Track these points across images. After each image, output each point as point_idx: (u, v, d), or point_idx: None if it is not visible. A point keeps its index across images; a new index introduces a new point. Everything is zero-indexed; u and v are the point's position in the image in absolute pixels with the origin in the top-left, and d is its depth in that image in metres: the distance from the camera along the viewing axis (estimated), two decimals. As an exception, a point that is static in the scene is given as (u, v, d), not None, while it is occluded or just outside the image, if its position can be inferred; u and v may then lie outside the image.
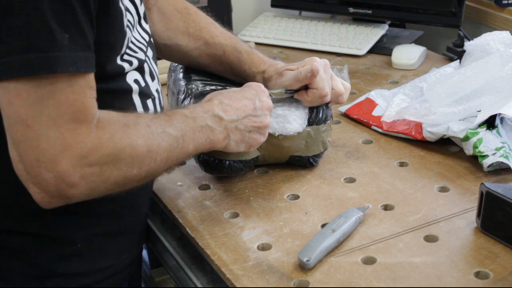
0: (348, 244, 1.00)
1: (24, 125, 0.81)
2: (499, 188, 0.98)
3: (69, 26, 0.81)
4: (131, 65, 0.98)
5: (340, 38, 1.79)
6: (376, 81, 1.59)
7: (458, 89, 1.24)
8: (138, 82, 1.00)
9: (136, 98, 1.00)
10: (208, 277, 1.03)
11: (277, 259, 0.98)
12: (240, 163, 1.13)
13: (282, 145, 1.16)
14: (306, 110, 1.17)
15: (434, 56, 1.73)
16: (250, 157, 1.14)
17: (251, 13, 2.00)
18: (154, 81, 1.05)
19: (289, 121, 1.15)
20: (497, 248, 0.98)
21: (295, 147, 1.17)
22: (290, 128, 1.14)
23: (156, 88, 1.06)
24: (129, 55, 0.97)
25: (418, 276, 0.93)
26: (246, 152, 1.12)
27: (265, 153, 1.16)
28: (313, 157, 1.19)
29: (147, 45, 1.04)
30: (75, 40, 0.82)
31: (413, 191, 1.13)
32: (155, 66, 1.07)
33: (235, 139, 1.03)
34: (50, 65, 0.80)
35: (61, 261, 0.98)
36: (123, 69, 0.96)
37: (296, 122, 1.15)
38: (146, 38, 1.04)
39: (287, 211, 1.09)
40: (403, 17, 1.83)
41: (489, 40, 1.36)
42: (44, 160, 0.81)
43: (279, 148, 1.16)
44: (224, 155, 1.11)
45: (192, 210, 1.11)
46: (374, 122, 1.35)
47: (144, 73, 1.02)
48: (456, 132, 1.19)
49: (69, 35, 0.81)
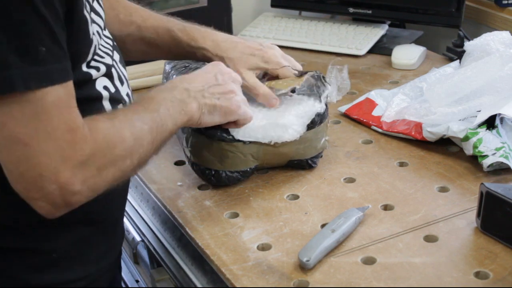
0: (348, 244, 1.00)
1: (22, 144, 0.81)
2: (499, 188, 0.98)
3: (44, 39, 0.80)
4: (98, 71, 0.96)
5: (340, 38, 1.79)
6: (376, 81, 1.59)
7: (458, 89, 1.24)
8: (108, 88, 0.98)
9: (107, 104, 0.98)
10: (208, 277, 1.03)
11: (277, 259, 0.98)
12: (238, 173, 1.14)
13: (280, 152, 1.15)
14: (309, 117, 1.15)
15: (434, 56, 1.73)
16: (247, 167, 1.14)
17: (251, 13, 2.00)
18: (124, 86, 1.04)
19: (287, 130, 1.14)
20: (497, 248, 0.98)
21: (292, 152, 1.17)
22: (286, 137, 1.14)
23: (126, 93, 1.04)
24: (96, 61, 0.96)
25: (418, 276, 0.93)
26: (243, 163, 1.13)
27: (263, 162, 1.16)
28: (311, 159, 1.19)
29: (113, 49, 1.03)
30: (51, 52, 0.81)
31: (413, 191, 1.13)
32: (123, 70, 1.05)
33: (207, 108, 1.03)
34: (37, 80, 0.80)
35: (37, 272, 0.96)
36: (90, 76, 0.95)
37: (294, 130, 1.14)
38: (110, 43, 1.03)
39: (287, 211, 1.09)
40: (403, 17, 1.83)
41: (489, 40, 1.36)
42: (46, 174, 0.81)
43: (276, 155, 1.16)
44: (221, 166, 1.12)
45: (192, 210, 1.11)
46: (374, 122, 1.35)
47: (113, 78, 1.00)
48: (456, 132, 1.19)
49: (45, 48, 0.80)
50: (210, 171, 1.13)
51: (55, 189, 0.82)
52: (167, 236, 1.15)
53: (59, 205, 0.84)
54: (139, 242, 1.25)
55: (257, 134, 1.12)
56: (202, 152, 1.13)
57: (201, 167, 1.14)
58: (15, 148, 0.81)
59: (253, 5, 2.03)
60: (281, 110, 1.16)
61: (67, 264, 0.99)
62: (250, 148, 1.12)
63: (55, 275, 0.98)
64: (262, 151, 1.13)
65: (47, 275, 0.97)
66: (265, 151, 1.14)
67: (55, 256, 0.97)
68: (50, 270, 0.97)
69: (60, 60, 0.83)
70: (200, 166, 1.15)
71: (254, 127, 1.12)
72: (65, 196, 0.83)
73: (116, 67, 1.02)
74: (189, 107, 1.01)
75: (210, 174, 1.14)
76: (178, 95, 1.00)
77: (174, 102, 0.99)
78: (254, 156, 1.14)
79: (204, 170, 1.14)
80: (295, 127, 1.14)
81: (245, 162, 1.13)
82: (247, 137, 1.11)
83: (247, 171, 1.15)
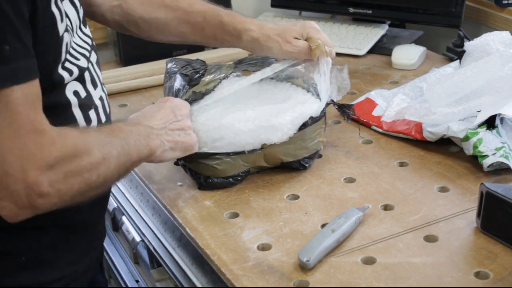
0: (348, 244, 1.00)
1: None
2: (499, 188, 0.98)
3: (8, 37, 0.80)
4: (71, 74, 0.95)
5: (340, 38, 1.79)
6: (376, 81, 1.59)
7: (458, 89, 1.24)
8: (78, 93, 0.98)
9: (77, 111, 0.98)
10: (208, 277, 1.03)
11: (277, 259, 0.98)
12: (230, 178, 1.14)
13: (269, 153, 1.15)
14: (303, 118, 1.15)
15: (434, 56, 1.73)
16: (238, 171, 1.14)
17: (251, 13, 2.00)
18: (97, 89, 1.03)
19: (277, 132, 1.13)
20: (497, 248, 0.98)
21: (281, 153, 1.16)
22: (275, 139, 1.13)
23: (99, 96, 1.03)
24: (70, 63, 0.95)
25: (418, 276, 0.93)
26: (234, 168, 1.13)
27: (254, 165, 1.16)
28: (303, 159, 1.19)
29: (91, 49, 1.02)
30: (16, 50, 0.81)
31: (413, 191, 1.13)
32: (99, 72, 1.05)
33: (169, 145, 1.05)
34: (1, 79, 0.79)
35: (5, 275, 0.96)
36: (63, 80, 0.94)
37: (283, 133, 1.14)
38: (89, 42, 1.03)
39: (287, 211, 1.09)
40: (403, 17, 1.83)
41: (489, 40, 1.36)
42: (12, 172, 0.81)
43: (266, 157, 1.16)
44: (213, 173, 1.12)
45: (192, 210, 1.11)
46: (374, 122, 1.35)
47: (85, 82, 1.00)
48: (456, 132, 1.19)
49: (9, 46, 0.80)
50: (203, 177, 1.14)
51: (21, 189, 0.81)
52: (167, 236, 1.15)
53: (24, 206, 0.83)
54: (139, 242, 1.25)
55: (244, 139, 1.12)
56: (194, 159, 1.13)
57: (193, 172, 1.15)
58: None
59: (253, 5, 2.02)
60: (277, 109, 1.16)
61: (39, 267, 0.98)
62: (238, 154, 1.13)
63: (27, 278, 0.97)
64: (251, 156, 1.14)
65: (18, 278, 0.96)
66: (254, 155, 1.14)
67: (25, 259, 0.96)
68: (21, 273, 0.96)
69: (25, 58, 0.82)
70: (193, 171, 1.15)
71: (243, 130, 1.12)
72: (31, 196, 0.82)
73: (91, 69, 1.01)
74: (153, 143, 1.01)
75: (203, 180, 1.14)
76: (143, 130, 1.01)
77: (140, 136, 1.00)
78: (244, 160, 1.14)
79: (196, 176, 1.15)
80: (285, 129, 1.14)
81: (236, 167, 1.14)
82: (231, 147, 1.12)
83: (240, 175, 1.15)
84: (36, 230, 0.96)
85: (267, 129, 1.13)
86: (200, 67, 1.26)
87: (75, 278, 1.03)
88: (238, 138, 1.12)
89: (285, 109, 1.16)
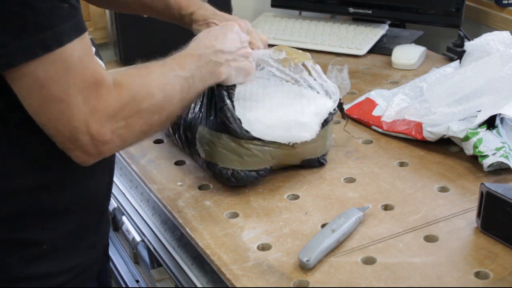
0: (348, 244, 1.00)
1: (58, 101, 0.84)
2: (499, 188, 0.98)
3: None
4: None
5: (340, 38, 1.79)
6: (376, 81, 1.59)
7: (458, 89, 1.24)
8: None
9: None
10: (208, 277, 1.03)
11: (277, 259, 0.98)
12: (255, 173, 1.13)
13: (296, 152, 1.16)
14: (323, 115, 1.17)
15: (434, 56, 1.73)
16: (265, 166, 1.14)
17: (251, 13, 2.00)
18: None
19: (307, 129, 1.15)
20: (497, 248, 0.98)
21: (306, 152, 1.17)
22: (305, 136, 1.14)
23: None
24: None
25: (418, 276, 0.93)
26: (262, 162, 1.13)
27: (278, 162, 1.16)
28: (322, 157, 1.20)
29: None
30: (72, 6, 0.84)
31: (413, 191, 1.13)
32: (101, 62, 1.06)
33: (235, 69, 1.10)
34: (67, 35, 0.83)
35: (28, 264, 0.97)
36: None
37: (312, 129, 1.15)
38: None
39: (287, 211, 1.09)
40: (403, 17, 1.83)
41: (489, 40, 1.36)
42: (78, 126, 0.86)
43: (291, 155, 1.16)
44: (240, 165, 1.12)
45: (192, 210, 1.11)
46: (374, 122, 1.35)
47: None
48: (456, 132, 1.19)
49: (68, 3, 0.83)
50: (227, 170, 1.13)
51: (88, 140, 0.87)
52: (167, 236, 1.15)
53: (92, 154, 0.89)
54: (139, 242, 1.25)
55: (277, 132, 1.12)
56: (220, 151, 1.12)
57: (218, 167, 1.13)
58: (53, 106, 0.85)
59: (253, 5, 2.03)
60: (300, 107, 1.16)
61: (57, 255, 1.00)
62: (269, 147, 1.13)
63: (45, 266, 0.99)
64: (280, 151, 1.14)
65: (37, 266, 0.98)
66: (283, 151, 1.14)
67: (46, 247, 0.98)
68: (40, 261, 0.98)
69: (78, 13, 0.86)
70: (216, 165, 1.14)
71: (275, 124, 1.12)
72: (97, 145, 0.88)
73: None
74: (220, 70, 1.07)
75: (228, 173, 1.13)
76: (213, 56, 1.06)
77: (209, 64, 1.05)
78: (272, 156, 1.14)
79: (221, 169, 1.13)
80: (314, 126, 1.15)
81: (263, 162, 1.14)
82: (267, 136, 1.12)
83: (264, 171, 1.15)
84: (53, 218, 0.98)
85: (298, 126, 1.14)
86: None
87: (88, 267, 1.05)
88: (276, 124, 1.12)
89: (307, 106, 1.16)
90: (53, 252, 0.99)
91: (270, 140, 1.12)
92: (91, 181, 1.01)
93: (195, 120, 1.17)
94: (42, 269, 0.98)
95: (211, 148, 1.13)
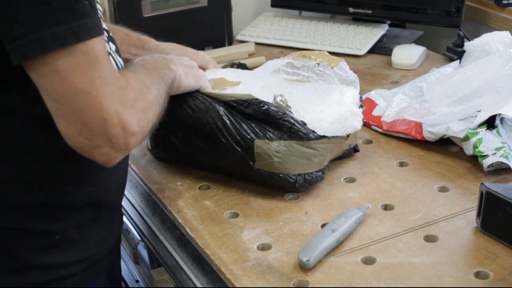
0: (348, 244, 1.00)
1: (83, 94, 0.85)
2: (499, 188, 0.98)
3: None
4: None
5: (340, 38, 1.79)
6: (376, 81, 1.59)
7: (458, 89, 1.24)
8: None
9: None
10: (208, 277, 1.03)
11: (277, 259, 0.98)
12: (321, 172, 1.14)
13: (346, 143, 1.18)
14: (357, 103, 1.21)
15: (434, 56, 1.73)
16: (327, 163, 1.15)
17: (251, 13, 2.00)
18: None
19: (357, 118, 1.18)
20: (497, 248, 0.98)
21: (348, 141, 1.19)
22: (356, 125, 1.17)
23: None
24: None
25: (418, 276, 0.93)
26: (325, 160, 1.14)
27: (332, 156, 1.18)
28: (356, 145, 1.24)
29: (108, 40, 1.06)
30: (91, 5, 0.86)
31: (413, 191, 1.13)
32: (119, 59, 1.10)
33: (183, 70, 1.12)
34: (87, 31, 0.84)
35: (40, 253, 0.99)
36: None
37: (360, 117, 1.19)
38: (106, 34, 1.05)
39: (287, 211, 1.09)
40: (403, 17, 1.83)
41: (489, 40, 1.36)
42: (109, 117, 0.86)
43: (341, 148, 1.19)
44: (309, 167, 1.11)
45: (192, 210, 1.11)
46: (374, 122, 1.35)
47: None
48: (456, 132, 1.19)
49: (88, 1, 0.85)
50: (299, 176, 1.11)
51: (119, 131, 0.88)
52: (167, 236, 1.15)
53: (120, 148, 0.89)
54: (139, 242, 1.25)
55: (337, 126, 1.15)
56: (290, 158, 1.09)
57: (289, 175, 1.10)
58: (77, 98, 0.85)
59: (253, 5, 2.03)
60: (339, 99, 1.18)
61: (69, 246, 1.01)
62: (329, 144, 1.13)
63: (57, 256, 1.00)
64: (336, 145, 1.16)
65: (49, 256, 0.99)
66: (338, 144, 1.16)
67: (58, 237, 0.99)
68: (53, 251, 0.99)
69: (97, 12, 0.88)
70: (288, 174, 1.10)
71: (333, 119, 1.14)
72: (127, 137, 0.89)
73: (113, 55, 1.05)
74: (170, 65, 1.09)
75: (301, 179, 1.11)
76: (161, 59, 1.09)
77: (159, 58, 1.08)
78: (332, 151, 1.15)
79: (292, 177, 1.10)
80: (360, 114, 1.19)
81: (326, 159, 1.15)
82: (329, 132, 1.13)
83: (326, 168, 1.16)
84: (66, 209, 0.99)
85: (352, 116, 1.17)
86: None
87: (100, 259, 1.06)
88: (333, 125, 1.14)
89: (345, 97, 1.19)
90: (65, 243, 1.00)
91: (332, 136, 1.14)
92: (109, 175, 1.02)
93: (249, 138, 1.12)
94: (53, 259, 0.99)
95: (283, 159, 1.09)
